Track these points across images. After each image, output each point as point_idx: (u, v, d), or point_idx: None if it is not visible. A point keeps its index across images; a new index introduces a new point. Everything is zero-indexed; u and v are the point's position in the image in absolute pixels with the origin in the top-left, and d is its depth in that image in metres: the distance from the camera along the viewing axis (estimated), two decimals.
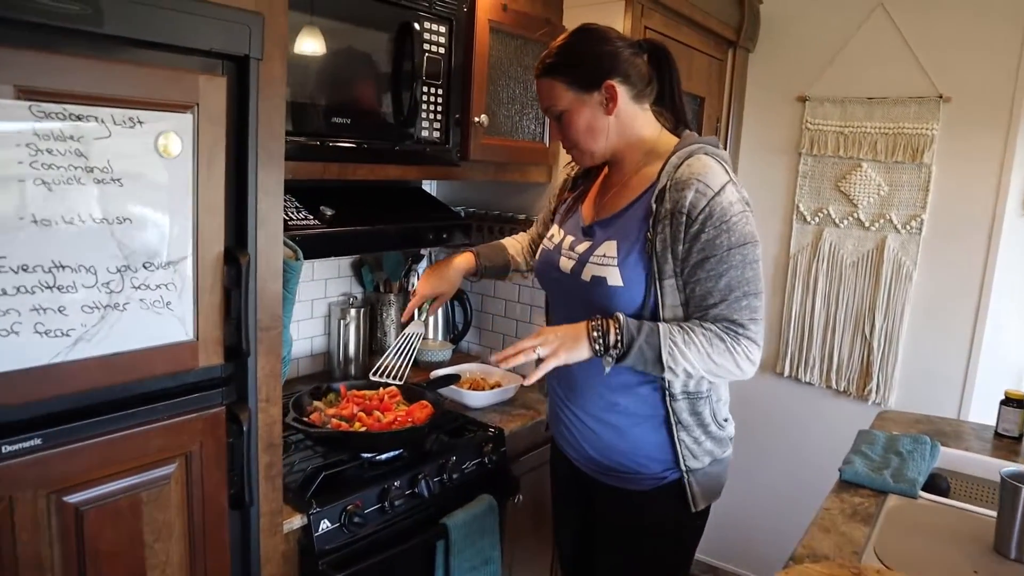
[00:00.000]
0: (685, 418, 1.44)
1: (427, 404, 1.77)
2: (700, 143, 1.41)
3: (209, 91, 1.10)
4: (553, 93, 1.45)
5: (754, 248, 1.35)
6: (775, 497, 2.96)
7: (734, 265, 1.32)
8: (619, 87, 1.42)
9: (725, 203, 1.31)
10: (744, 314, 1.35)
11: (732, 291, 1.33)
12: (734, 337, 1.34)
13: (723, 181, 1.33)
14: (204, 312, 1.15)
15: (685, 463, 1.46)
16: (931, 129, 2.45)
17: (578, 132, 1.45)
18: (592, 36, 1.44)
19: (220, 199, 1.14)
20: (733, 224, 1.31)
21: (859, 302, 2.67)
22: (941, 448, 1.86)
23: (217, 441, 1.21)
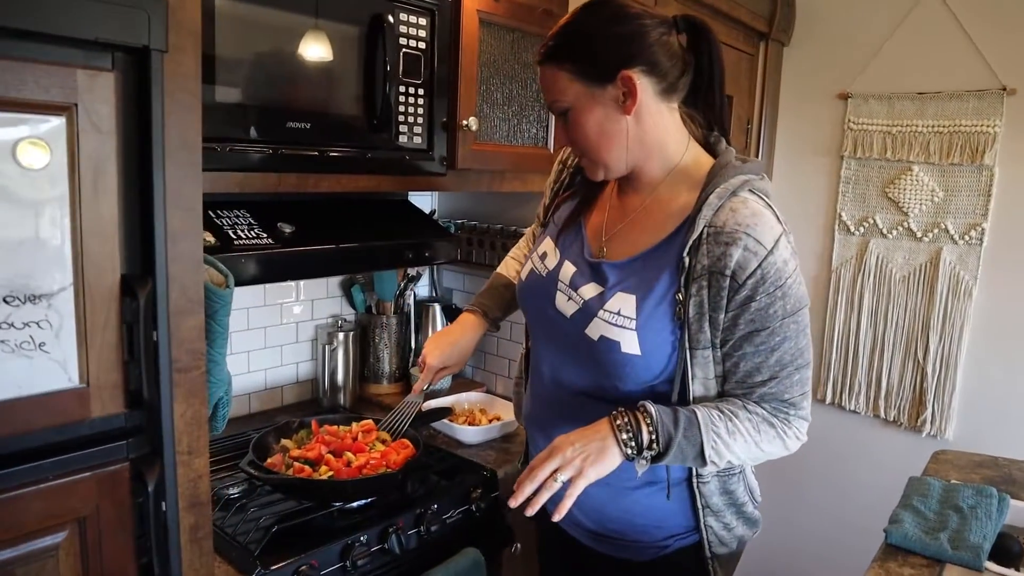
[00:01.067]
0: (716, 502, 1.20)
1: (408, 443, 1.56)
2: (744, 174, 1.12)
3: (92, 89, 0.91)
4: (556, 85, 1.14)
5: (807, 312, 1.14)
6: (815, 544, 2.67)
7: (788, 336, 1.10)
8: (641, 79, 1.10)
9: (780, 263, 1.07)
10: (796, 391, 1.13)
11: (784, 367, 1.11)
12: (784, 420, 1.14)
13: (776, 235, 1.08)
14: (96, 353, 0.96)
15: (711, 550, 1.22)
16: (993, 126, 2.16)
17: (587, 136, 1.15)
18: (607, 11, 1.13)
19: (113, 218, 0.96)
20: (788, 288, 1.09)
21: (911, 321, 2.38)
22: (1011, 501, 1.57)
23: (118, 503, 1.02)
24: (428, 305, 2.29)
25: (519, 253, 1.59)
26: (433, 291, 2.44)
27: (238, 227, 1.39)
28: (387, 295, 2.15)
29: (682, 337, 1.11)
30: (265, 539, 1.32)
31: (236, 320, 1.92)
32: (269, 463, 1.48)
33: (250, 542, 1.33)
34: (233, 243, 1.34)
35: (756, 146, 2.54)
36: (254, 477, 1.43)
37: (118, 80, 0.95)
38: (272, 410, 2.04)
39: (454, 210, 2.39)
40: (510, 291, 1.50)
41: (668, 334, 1.12)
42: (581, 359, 1.21)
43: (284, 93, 1.38)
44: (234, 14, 1.29)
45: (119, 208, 0.97)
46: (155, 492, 1.04)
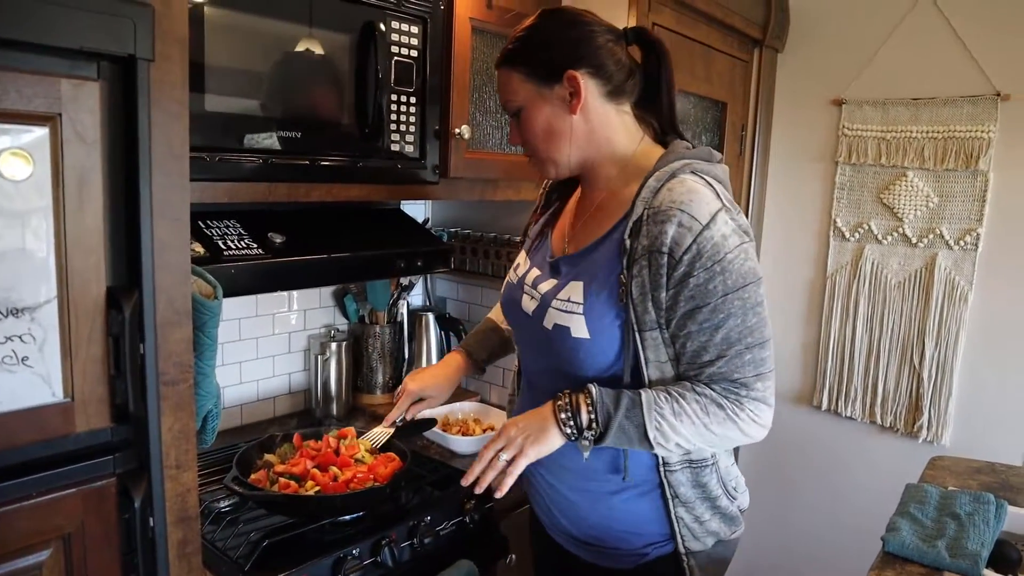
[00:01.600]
0: (685, 492, 1.19)
1: (394, 457, 1.54)
2: (686, 158, 1.15)
3: (77, 99, 0.90)
4: (509, 86, 1.21)
5: (756, 288, 1.10)
6: (812, 550, 2.65)
7: (732, 313, 1.08)
8: (585, 79, 1.16)
9: (717, 237, 1.07)
10: (747, 371, 1.10)
11: (732, 345, 1.09)
12: (736, 401, 1.10)
13: (712, 209, 1.08)
14: (81, 367, 0.95)
15: (685, 544, 1.20)
16: (987, 132, 2.15)
17: (536, 134, 1.21)
18: (559, 17, 1.21)
19: (98, 229, 0.94)
20: (728, 263, 1.07)
21: (906, 327, 2.37)
22: (1009, 508, 1.56)
23: (104, 519, 1.00)
24: (421, 314, 2.28)
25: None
26: (426, 300, 2.42)
27: (228, 237, 1.37)
28: (380, 305, 2.14)
29: (627, 319, 1.12)
30: (255, 553, 1.30)
31: (228, 330, 1.90)
32: (253, 479, 1.46)
33: (240, 556, 1.31)
34: (223, 254, 1.32)
35: (751, 152, 2.54)
36: (239, 494, 1.41)
37: (103, 89, 0.94)
38: (264, 421, 2.02)
39: (447, 219, 2.38)
40: (497, 335, 1.56)
41: (614, 316, 1.13)
42: (544, 353, 1.24)
43: (275, 102, 1.37)
44: (224, 22, 1.27)
45: (105, 219, 0.95)
46: (142, 508, 1.02)
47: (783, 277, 2.66)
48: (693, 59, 2.15)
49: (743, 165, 2.53)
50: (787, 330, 2.68)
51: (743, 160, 2.52)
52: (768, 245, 2.69)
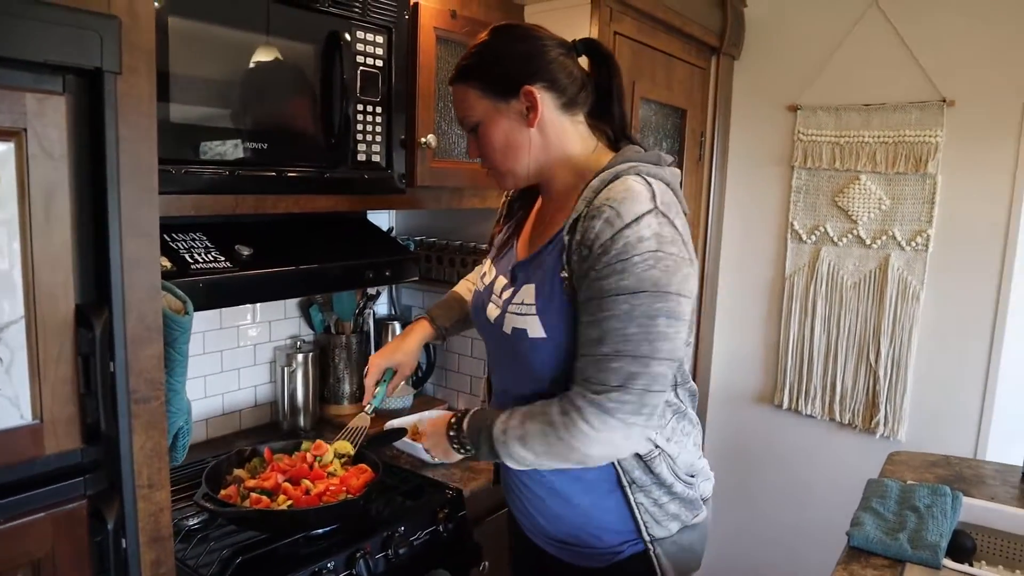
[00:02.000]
0: (639, 476, 1.21)
1: (366, 468, 1.53)
2: (633, 161, 1.16)
3: (42, 114, 0.88)
4: (466, 102, 1.24)
5: (652, 300, 1.05)
6: (779, 546, 2.71)
7: (615, 315, 1.06)
8: (541, 93, 1.19)
9: (633, 238, 1.05)
10: (609, 378, 1.07)
11: (602, 346, 1.07)
12: (572, 418, 1.09)
13: (641, 211, 1.07)
14: (49, 388, 0.92)
15: (648, 531, 1.23)
16: (935, 136, 2.23)
17: (494, 148, 1.23)
18: (511, 34, 1.23)
19: (66, 246, 0.92)
20: (632, 265, 1.05)
21: (862, 326, 2.44)
22: (964, 499, 1.62)
23: (76, 542, 0.98)
24: (387, 323, 2.27)
25: (474, 275, 1.65)
26: (392, 309, 2.41)
27: (194, 251, 1.35)
28: (346, 314, 2.12)
29: (574, 313, 1.14)
30: (228, 571, 1.28)
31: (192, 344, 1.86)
32: (224, 495, 1.43)
33: (213, 574, 1.29)
34: (190, 267, 1.30)
35: (710, 157, 2.59)
36: (210, 511, 1.39)
37: (70, 103, 0.92)
38: (230, 435, 1.99)
39: (411, 227, 2.37)
40: (461, 306, 1.58)
41: (564, 313, 1.16)
42: (509, 356, 1.27)
43: (241, 113, 1.36)
44: (187, 32, 1.26)
45: (72, 235, 0.93)
46: (115, 529, 1.00)
47: (743, 279, 2.72)
48: (654, 67, 2.18)
49: (703, 170, 2.58)
50: (748, 331, 2.73)
51: (703, 165, 2.57)
52: (728, 248, 2.75)
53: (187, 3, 1.25)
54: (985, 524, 1.61)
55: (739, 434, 2.78)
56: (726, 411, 2.81)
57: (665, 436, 1.23)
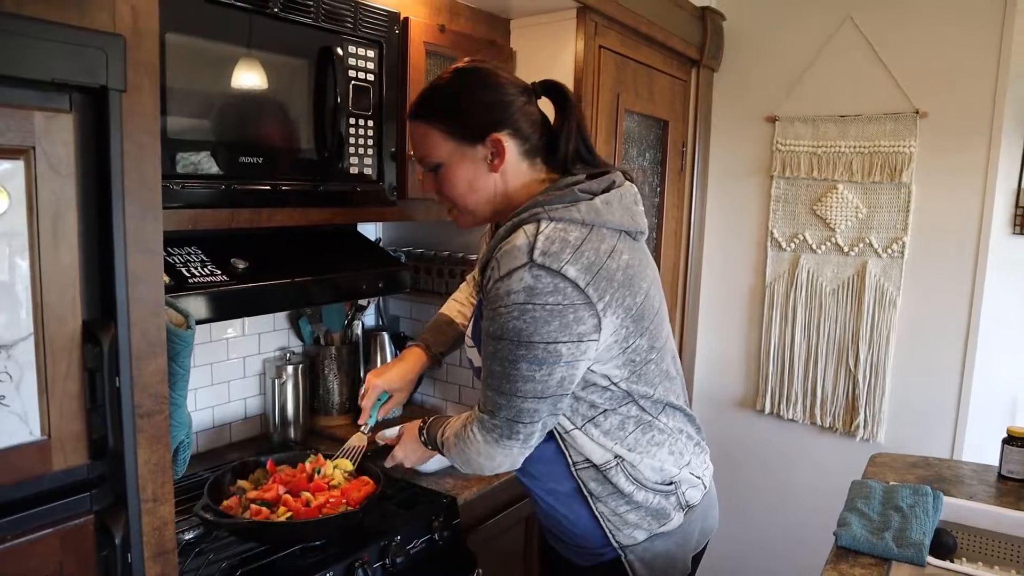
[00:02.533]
0: (595, 487, 1.27)
1: (368, 480, 1.54)
2: (540, 206, 1.18)
3: (50, 131, 0.89)
4: (428, 141, 1.25)
5: (512, 347, 1.15)
6: (763, 548, 2.75)
7: (488, 353, 1.20)
8: (508, 141, 1.23)
9: (503, 291, 1.14)
10: (488, 403, 1.22)
11: (487, 376, 1.22)
12: (469, 430, 1.25)
13: (515, 266, 1.13)
14: (57, 404, 0.93)
15: (615, 538, 1.28)
16: (909, 147, 2.30)
17: (456, 189, 1.26)
18: (480, 79, 1.25)
19: (73, 263, 0.93)
20: (498, 314, 1.15)
21: (841, 332, 2.50)
22: (944, 498, 1.67)
23: (83, 559, 0.98)
24: (376, 334, 2.28)
25: (460, 296, 1.67)
26: (380, 320, 2.42)
27: (191, 265, 1.36)
28: (335, 326, 2.13)
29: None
30: None
31: None
32: (226, 505, 1.44)
33: None
34: (187, 281, 1.31)
35: (691, 167, 2.63)
36: (210, 523, 1.39)
37: (76, 121, 0.93)
38: (221, 448, 1.98)
39: (399, 238, 2.39)
40: (452, 328, 1.61)
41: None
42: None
43: (236, 128, 1.37)
44: (184, 48, 1.27)
45: (79, 252, 0.94)
46: (122, 544, 1.01)
47: (725, 286, 2.77)
48: (637, 79, 2.22)
49: (684, 180, 2.63)
50: (730, 337, 2.78)
51: (684, 175, 2.62)
52: (710, 256, 2.79)
53: (183, 19, 1.26)
54: (965, 522, 1.66)
55: (722, 439, 2.82)
56: (709, 416, 2.85)
57: (627, 446, 1.27)
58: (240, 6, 1.33)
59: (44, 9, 0.88)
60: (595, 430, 1.25)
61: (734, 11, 2.59)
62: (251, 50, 1.38)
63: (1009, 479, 1.81)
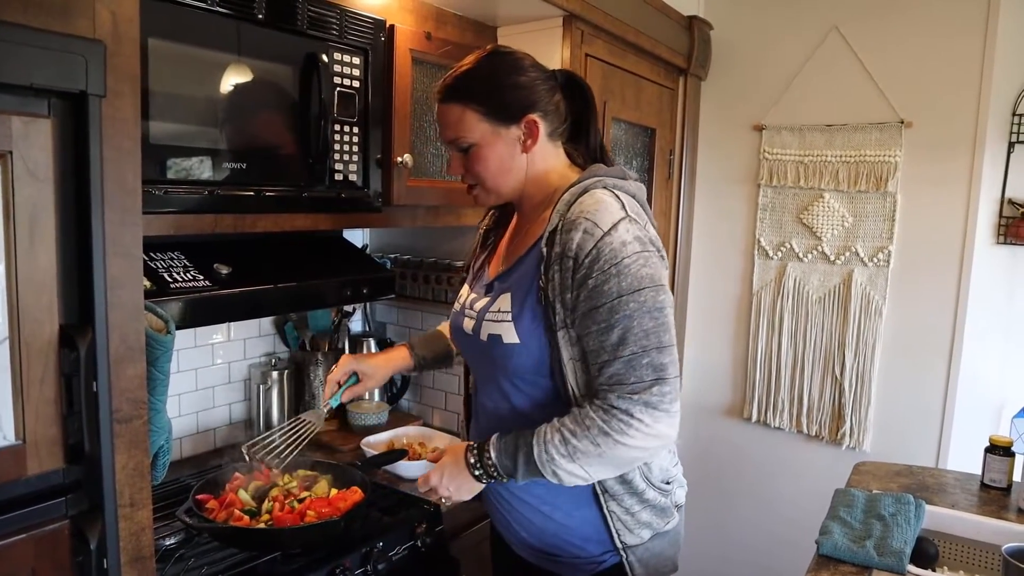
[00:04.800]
0: (611, 485, 1.25)
1: (357, 490, 1.54)
2: (599, 176, 1.24)
3: (28, 136, 0.89)
4: (463, 123, 1.25)
5: (655, 293, 1.14)
6: (748, 555, 2.76)
7: (628, 314, 1.12)
8: (541, 123, 1.26)
9: (616, 243, 1.13)
10: (645, 373, 1.12)
11: (627, 345, 1.12)
12: (624, 420, 1.11)
13: (616, 218, 1.15)
14: (33, 408, 0.93)
15: (620, 539, 1.26)
16: (894, 156, 2.32)
17: (488, 169, 1.27)
18: (510, 62, 1.27)
19: (51, 267, 0.93)
20: (625, 267, 1.12)
21: (828, 340, 2.51)
22: (926, 507, 1.68)
23: (57, 564, 0.98)
24: (362, 340, 2.28)
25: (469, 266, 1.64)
26: (366, 326, 2.42)
27: (173, 270, 1.36)
28: (321, 332, 2.13)
29: (546, 321, 1.19)
30: None
31: None
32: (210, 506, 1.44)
33: None
34: (169, 286, 1.31)
35: (679, 175, 2.65)
36: (191, 527, 1.39)
37: (55, 126, 0.93)
38: (205, 454, 1.98)
39: (386, 244, 2.39)
40: (443, 341, 1.60)
41: (539, 320, 1.21)
42: (486, 366, 1.31)
43: (220, 133, 1.37)
44: (167, 53, 1.27)
45: (57, 256, 0.94)
46: (97, 549, 1.00)
47: (712, 294, 2.78)
48: (624, 87, 2.24)
49: (672, 188, 2.64)
50: (717, 345, 2.79)
51: (672, 183, 2.63)
52: (697, 264, 2.80)
53: (166, 24, 1.26)
54: (947, 531, 1.67)
55: (709, 447, 2.83)
56: (696, 424, 2.85)
57: None
58: (224, 12, 1.33)
59: (23, 14, 0.88)
60: None
61: (721, 20, 2.61)
62: (236, 56, 1.38)
63: (991, 488, 1.82)
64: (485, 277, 1.37)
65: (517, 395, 1.27)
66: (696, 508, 2.65)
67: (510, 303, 1.24)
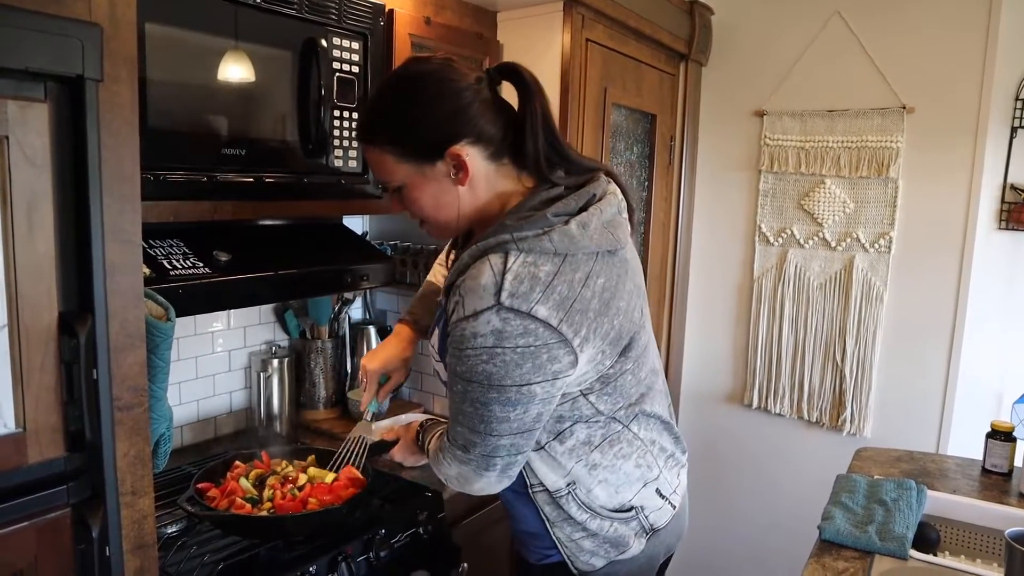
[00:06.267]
0: (550, 512, 1.25)
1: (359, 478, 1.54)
2: (510, 232, 1.07)
3: (24, 121, 0.88)
4: (383, 166, 1.15)
5: (483, 390, 1.09)
6: (750, 541, 2.76)
7: (455, 391, 1.14)
8: (469, 151, 1.11)
9: (468, 332, 1.06)
10: (456, 436, 1.17)
11: (454, 412, 1.16)
12: (444, 451, 1.22)
13: (479, 307, 1.04)
14: (33, 396, 0.92)
15: (574, 565, 1.26)
16: (896, 142, 2.30)
17: (423, 210, 1.17)
18: (419, 87, 1.11)
19: (49, 254, 0.92)
20: (466, 356, 1.08)
21: (829, 326, 2.51)
22: (928, 492, 1.68)
23: (60, 552, 0.97)
24: (363, 328, 2.27)
25: (444, 258, 1.58)
26: (367, 313, 2.41)
27: (172, 257, 1.35)
28: (321, 319, 2.12)
29: None
30: None
31: None
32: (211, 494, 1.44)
33: None
34: (169, 274, 1.30)
35: (679, 161, 2.63)
36: (192, 515, 1.39)
37: (51, 111, 0.92)
38: (206, 442, 1.97)
39: (385, 231, 2.38)
40: (435, 296, 1.52)
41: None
42: None
43: (218, 119, 1.36)
44: (164, 39, 1.26)
45: (55, 242, 0.93)
46: (99, 537, 1.00)
47: (712, 281, 2.77)
48: (624, 73, 2.22)
49: (672, 174, 2.63)
50: (717, 332, 2.78)
51: (672, 170, 2.62)
52: (698, 251, 2.80)
53: (163, 9, 1.25)
54: (949, 516, 1.67)
55: (710, 434, 2.83)
56: (697, 411, 2.86)
57: (590, 463, 1.21)
58: None
59: None
60: (560, 447, 1.20)
61: (723, 6, 2.58)
62: (234, 41, 1.37)
63: (993, 473, 1.82)
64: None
65: None
66: (696, 495, 2.66)
67: (438, 341, 1.24)
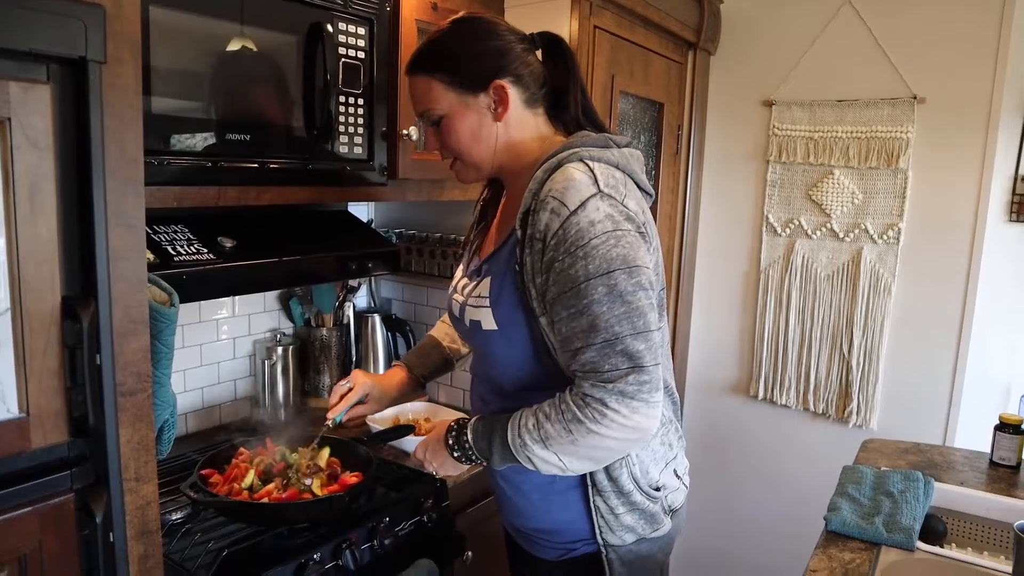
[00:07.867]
0: (600, 479, 1.20)
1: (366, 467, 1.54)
2: (575, 148, 1.15)
3: (27, 103, 0.87)
4: (430, 94, 1.21)
5: (627, 276, 1.05)
6: (755, 532, 2.76)
7: (597, 299, 1.05)
8: (511, 88, 1.19)
9: (583, 223, 1.05)
10: (619, 362, 1.04)
11: (599, 332, 1.05)
12: (597, 411, 1.05)
13: (584, 196, 1.07)
14: (36, 380, 0.91)
15: (602, 535, 1.22)
16: (906, 132, 2.28)
17: (460, 141, 1.21)
18: (477, 27, 1.21)
19: (52, 238, 0.91)
20: (592, 248, 1.05)
21: (836, 318, 2.49)
22: (935, 484, 1.67)
23: (63, 537, 0.97)
24: (367, 316, 2.26)
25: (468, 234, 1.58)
26: (372, 302, 2.41)
27: (177, 243, 1.34)
28: (326, 307, 2.12)
29: (526, 306, 1.15)
30: (216, 564, 1.28)
31: None
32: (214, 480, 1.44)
33: (200, 568, 1.29)
34: (173, 259, 1.29)
35: (687, 151, 2.61)
36: (195, 501, 1.38)
37: (54, 93, 0.91)
38: (210, 429, 1.97)
39: (391, 219, 2.37)
40: (438, 352, 1.57)
41: (518, 306, 1.16)
42: (479, 357, 1.31)
43: (222, 104, 1.35)
44: (169, 23, 1.24)
45: (58, 227, 0.92)
46: (103, 523, 1.00)
47: (719, 271, 2.76)
48: (632, 61, 2.20)
49: (680, 163, 2.61)
50: (724, 322, 2.77)
51: (679, 159, 2.60)
52: (704, 240, 2.78)
53: None
54: (955, 508, 1.66)
55: (715, 424, 2.82)
56: (703, 402, 2.85)
57: None
58: None
59: None
60: None
61: None
62: (239, 25, 1.35)
63: (1000, 466, 1.81)
64: (477, 258, 1.32)
65: (505, 379, 1.25)
66: (702, 485, 2.66)
67: (489, 288, 1.21)
